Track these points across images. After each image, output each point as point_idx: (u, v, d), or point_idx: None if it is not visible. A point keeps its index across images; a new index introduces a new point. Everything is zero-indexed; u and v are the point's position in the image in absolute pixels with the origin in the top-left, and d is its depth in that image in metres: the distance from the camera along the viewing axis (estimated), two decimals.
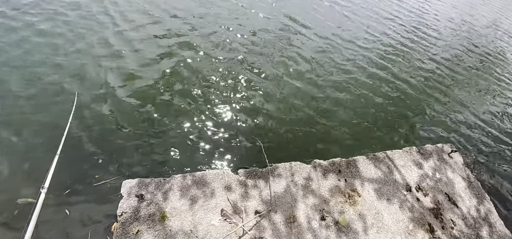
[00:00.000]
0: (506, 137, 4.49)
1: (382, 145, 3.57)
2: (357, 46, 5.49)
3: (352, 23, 6.32)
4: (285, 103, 3.80)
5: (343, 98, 4.15)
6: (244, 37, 4.83)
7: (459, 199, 3.08)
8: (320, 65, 4.66)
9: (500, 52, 7.38)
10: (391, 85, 4.74)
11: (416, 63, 5.61)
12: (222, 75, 3.96)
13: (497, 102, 5.32)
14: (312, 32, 5.45)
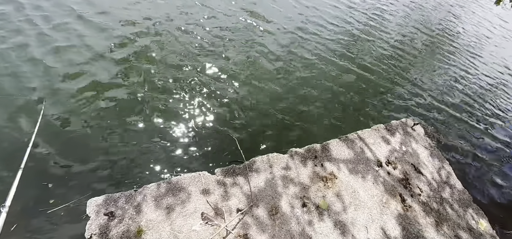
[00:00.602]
0: (456, 107, 5.04)
1: (353, 126, 3.76)
2: (320, 37, 5.63)
3: (312, 14, 6.47)
4: (255, 96, 3.79)
5: (311, 86, 4.26)
6: (206, 32, 4.68)
7: (423, 167, 3.39)
8: (286, 57, 4.72)
9: (446, 32, 8.17)
10: (356, 69, 4.99)
11: (376, 48, 5.97)
12: (188, 74, 3.81)
13: (446, 77, 5.92)
14: (275, 27, 5.43)
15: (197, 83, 3.68)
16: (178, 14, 4.79)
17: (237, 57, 4.31)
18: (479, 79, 6.29)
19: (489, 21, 10.49)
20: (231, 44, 4.52)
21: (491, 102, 5.66)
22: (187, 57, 4.02)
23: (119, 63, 3.59)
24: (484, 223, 3.14)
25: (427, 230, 2.86)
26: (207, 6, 5.20)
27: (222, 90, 3.69)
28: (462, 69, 6.42)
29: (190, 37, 4.39)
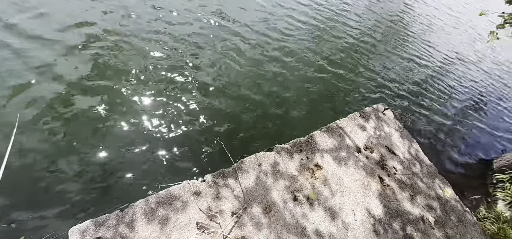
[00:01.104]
0: (417, 87, 5.62)
1: (332, 116, 3.98)
2: (289, 36, 5.79)
3: (279, 12, 6.61)
4: (236, 99, 3.80)
5: (287, 84, 4.40)
6: (176, 37, 4.52)
7: (396, 148, 3.74)
8: (259, 57, 4.78)
9: (402, 22, 8.96)
10: (325, 64, 5.26)
11: (342, 41, 6.33)
12: (168, 80, 3.66)
13: (405, 61, 6.54)
14: (244, 29, 5.45)
15: (173, 91, 3.56)
16: (142, 19, 4.55)
17: (212, 61, 4.25)
18: (432, 63, 7.06)
19: (438, 10, 11.75)
20: (203, 48, 4.43)
21: (443, 84, 6.41)
22: (159, 65, 3.86)
23: (84, 76, 3.32)
24: (449, 191, 3.60)
25: (404, 204, 3.19)
26: (171, 10, 5.01)
27: (201, 96, 3.63)
28: (417, 55, 7.14)
29: (155, 44, 4.20)
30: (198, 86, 3.74)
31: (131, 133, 2.96)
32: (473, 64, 8.09)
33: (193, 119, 3.32)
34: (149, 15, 4.53)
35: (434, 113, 5.15)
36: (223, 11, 5.43)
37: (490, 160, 4.70)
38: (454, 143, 4.71)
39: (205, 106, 3.52)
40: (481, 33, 10.85)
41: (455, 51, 8.42)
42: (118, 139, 2.87)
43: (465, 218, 3.44)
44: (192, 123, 3.27)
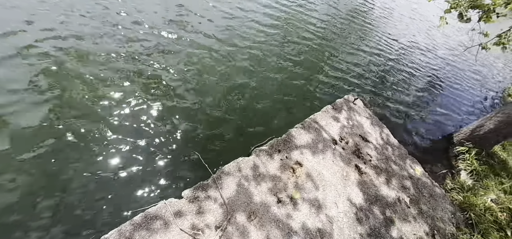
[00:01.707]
0: (381, 76, 5.99)
1: (306, 112, 4.07)
2: (256, 36, 5.80)
3: (242, 15, 6.60)
4: (209, 107, 3.70)
5: (258, 85, 4.40)
6: (139, 47, 4.28)
7: (369, 135, 3.94)
8: (227, 62, 4.71)
9: (361, 14, 9.47)
10: (294, 64, 5.36)
11: (307, 41, 6.49)
12: (133, 97, 3.44)
13: (368, 50, 6.93)
14: (211, 31, 5.37)
15: (140, 106, 3.36)
16: (102, 28, 4.22)
17: (180, 72, 4.09)
18: (393, 53, 7.57)
19: (395, 1, 12.64)
20: (170, 55, 4.25)
21: (404, 71, 6.91)
22: (123, 75, 3.61)
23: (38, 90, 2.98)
24: (419, 169, 3.89)
25: (381, 188, 3.37)
26: (139, 17, 4.73)
27: (172, 109, 3.47)
28: (379, 47, 7.60)
29: (118, 52, 3.94)
30: (168, 99, 3.57)
31: (96, 154, 2.72)
32: (430, 51, 8.85)
33: (165, 134, 3.16)
34: (109, 25, 4.22)
35: (398, 98, 5.54)
36: (186, 20, 5.26)
37: (451, 135, 5.19)
38: (419, 124, 5.11)
39: (177, 118, 3.38)
40: (436, 22, 11.88)
41: (413, 40, 9.13)
42: (81, 161, 2.63)
43: (435, 192, 3.74)
44: (164, 138, 3.12)
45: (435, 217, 3.43)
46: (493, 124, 4.39)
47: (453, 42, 10.67)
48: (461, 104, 6.64)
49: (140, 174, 2.74)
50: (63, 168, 2.56)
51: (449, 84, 7.33)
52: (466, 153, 4.62)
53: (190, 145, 3.15)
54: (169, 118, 3.34)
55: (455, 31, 11.72)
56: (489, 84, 8.66)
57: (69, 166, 2.59)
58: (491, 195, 4.07)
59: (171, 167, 2.90)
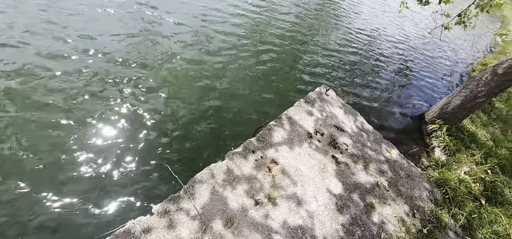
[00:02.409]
0: (353, 65, 6.15)
1: (279, 108, 4.06)
2: (225, 34, 5.78)
3: (211, 14, 6.55)
4: (176, 113, 3.59)
5: (229, 84, 4.35)
6: (101, 48, 4.08)
7: (343, 124, 4.01)
8: (195, 59, 4.64)
9: (324, 7, 9.73)
10: (265, 61, 5.37)
11: (277, 31, 6.56)
12: (94, 111, 3.25)
13: (339, 42, 7.11)
14: (178, 40, 5.27)
15: (102, 120, 3.18)
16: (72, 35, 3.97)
17: (144, 79, 3.95)
18: (363, 42, 7.82)
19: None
20: (135, 63, 4.09)
21: (374, 58, 7.15)
22: (85, 87, 3.41)
23: None
24: (394, 151, 4.01)
25: (360, 176, 3.43)
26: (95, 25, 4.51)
27: (139, 118, 3.33)
28: (349, 37, 7.82)
29: (79, 63, 3.72)
30: (131, 111, 3.42)
31: (57, 179, 2.53)
32: (399, 39, 9.25)
33: (131, 148, 3.01)
34: (66, 36, 3.98)
35: (370, 85, 5.71)
36: (153, 27, 5.11)
37: (422, 115, 5.42)
38: (392, 108, 5.30)
39: (144, 131, 3.24)
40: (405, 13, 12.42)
41: (382, 29, 9.49)
42: (41, 188, 2.43)
43: (411, 172, 3.86)
44: (130, 152, 2.97)
45: (414, 197, 3.54)
46: (459, 100, 4.63)
47: (421, 28, 11.23)
48: (431, 85, 6.98)
49: (105, 196, 2.59)
50: (21, 202, 2.36)
51: (419, 67, 7.69)
52: (438, 130, 4.84)
53: (160, 157, 3.03)
54: (134, 131, 3.20)
55: (422, 18, 12.34)
56: (456, 62, 9.19)
57: (27, 196, 2.39)
58: (464, 167, 4.28)
59: (140, 184, 2.76)
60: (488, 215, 3.73)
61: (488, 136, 5.18)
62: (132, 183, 2.74)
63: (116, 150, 2.96)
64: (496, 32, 15.49)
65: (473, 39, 12.44)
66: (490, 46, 12.57)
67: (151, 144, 3.14)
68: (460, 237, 3.42)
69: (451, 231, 3.41)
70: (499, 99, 6.96)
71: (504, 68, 4.04)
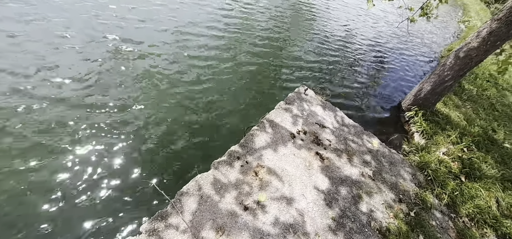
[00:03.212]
0: (331, 62, 6.41)
1: (260, 112, 4.16)
2: (202, 43, 5.88)
3: (185, 24, 6.64)
4: (158, 127, 3.59)
5: (210, 94, 4.41)
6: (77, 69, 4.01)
7: (324, 121, 4.16)
8: (175, 76, 4.67)
9: (301, 9, 10.12)
10: (243, 67, 5.50)
11: (254, 36, 6.74)
12: (73, 121, 3.18)
13: (315, 45, 7.39)
14: (156, 48, 5.29)
15: (84, 140, 3.12)
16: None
17: (122, 91, 3.92)
18: (338, 40, 8.17)
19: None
20: (112, 76, 4.06)
21: (349, 55, 7.49)
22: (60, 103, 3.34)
23: None
24: (375, 141, 4.19)
25: (345, 169, 3.56)
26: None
27: (121, 134, 3.29)
28: (322, 36, 8.15)
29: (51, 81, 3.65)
30: (112, 127, 3.38)
31: (32, 198, 2.45)
32: (373, 34, 9.75)
33: (115, 167, 2.97)
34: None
35: (348, 81, 5.98)
36: (126, 34, 5.10)
37: (399, 103, 5.72)
38: (369, 101, 5.56)
39: (126, 149, 3.21)
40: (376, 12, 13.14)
41: (355, 26, 9.97)
42: (21, 215, 2.34)
43: (394, 159, 4.05)
44: (114, 173, 2.93)
45: (398, 182, 3.71)
46: (429, 86, 4.95)
47: (390, 24, 11.88)
48: (405, 74, 7.38)
49: (90, 219, 2.53)
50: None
51: (392, 59, 8.13)
52: (414, 116, 5.12)
53: (144, 175, 3.01)
54: (116, 151, 3.16)
55: (391, 14, 13.05)
56: (427, 51, 9.78)
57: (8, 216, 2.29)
58: (442, 149, 4.54)
59: (125, 204, 2.73)
60: (469, 190, 3.96)
61: (461, 117, 5.54)
62: (118, 204, 2.70)
63: (97, 171, 2.91)
64: (460, 20, 16.67)
65: (440, 28, 13.30)
66: (456, 33, 13.48)
67: (134, 162, 3.12)
68: (446, 215, 3.61)
69: (437, 211, 3.59)
70: (468, 81, 7.47)
71: (464, 51, 4.39)
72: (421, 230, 3.25)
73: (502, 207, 3.96)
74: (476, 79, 7.75)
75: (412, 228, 3.22)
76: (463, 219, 3.64)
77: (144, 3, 6.48)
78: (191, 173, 3.15)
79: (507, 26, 3.90)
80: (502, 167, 4.61)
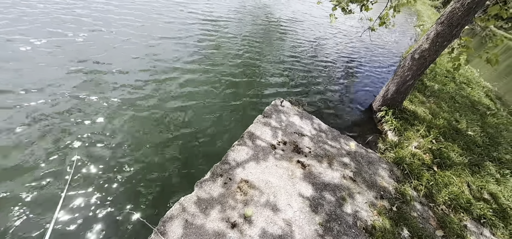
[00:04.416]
0: (304, 74, 6.67)
1: (240, 128, 4.19)
2: (179, 62, 5.89)
3: (161, 43, 6.63)
4: (139, 155, 3.49)
5: (189, 113, 4.39)
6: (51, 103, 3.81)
7: (302, 130, 4.28)
8: (155, 102, 4.61)
9: (267, 32, 10.54)
10: (222, 85, 5.57)
11: (229, 61, 6.88)
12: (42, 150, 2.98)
13: (288, 59, 7.69)
14: (128, 73, 5.20)
15: (57, 174, 2.93)
16: None
17: (101, 118, 3.78)
18: (309, 53, 8.56)
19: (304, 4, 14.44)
20: (88, 104, 3.89)
21: (321, 65, 7.85)
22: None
23: None
24: (352, 144, 4.38)
25: (326, 173, 3.65)
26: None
27: (98, 164, 3.13)
28: (294, 50, 8.51)
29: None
30: (90, 158, 3.22)
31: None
32: (339, 46, 10.33)
33: (96, 201, 2.81)
34: None
35: (321, 90, 6.25)
36: (99, 68, 4.96)
37: (371, 105, 6.05)
38: (343, 106, 5.83)
39: (107, 179, 3.06)
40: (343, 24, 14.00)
41: (324, 38, 10.52)
42: None
43: (371, 158, 4.24)
44: (95, 207, 2.76)
45: (378, 180, 3.87)
46: (394, 86, 5.32)
47: (356, 34, 12.70)
48: (373, 78, 7.86)
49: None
50: None
51: (361, 65, 8.65)
52: (385, 116, 5.44)
53: (125, 205, 2.87)
54: (93, 184, 3.00)
55: (360, 28, 13.97)
56: (391, 54, 10.52)
57: None
58: (413, 143, 4.83)
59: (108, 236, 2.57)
60: (442, 179, 4.22)
61: (426, 111, 5.96)
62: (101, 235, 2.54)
63: (77, 206, 2.73)
64: (415, 24, 18.25)
65: (400, 34, 14.43)
66: (413, 36, 14.70)
67: (114, 193, 2.97)
68: (425, 205, 3.80)
69: (416, 202, 3.77)
70: (429, 78, 8.11)
71: (418, 53, 4.84)
72: (404, 223, 3.38)
73: (474, 191, 4.25)
74: (436, 76, 8.44)
75: (396, 222, 3.35)
76: (441, 207, 3.85)
77: (124, 27, 6.42)
78: (175, 197, 3.06)
79: (449, 27, 4.37)
80: (468, 153, 4.98)
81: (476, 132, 5.81)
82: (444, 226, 3.53)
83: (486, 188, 4.33)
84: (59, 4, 7.38)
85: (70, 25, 6.37)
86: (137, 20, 7.53)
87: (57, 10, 7.01)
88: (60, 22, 6.40)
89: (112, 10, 7.80)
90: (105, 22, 6.94)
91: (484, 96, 8.49)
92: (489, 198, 4.21)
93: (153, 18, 7.98)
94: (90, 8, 7.60)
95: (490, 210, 3.92)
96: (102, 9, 7.70)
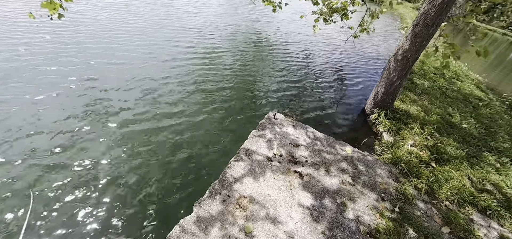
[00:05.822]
0: (293, 87, 6.76)
1: (235, 144, 4.19)
2: (173, 80, 5.94)
3: (151, 59, 6.72)
4: (135, 180, 3.45)
5: (181, 132, 4.39)
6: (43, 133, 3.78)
7: (297, 140, 4.28)
8: (146, 125, 4.61)
9: (259, 50, 10.79)
10: (216, 101, 5.61)
11: (219, 78, 6.98)
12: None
13: (278, 73, 7.81)
14: (122, 91, 5.23)
15: (49, 201, 2.87)
16: None
17: (96, 141, 3.75)
18: (298, 65, 8.72)
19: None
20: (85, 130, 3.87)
21: (311, 76, 7.97)
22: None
23: None
24: (349, 148, 4.37)
25: (324, 181, 3.62)
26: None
27: (94, 190, 3.08)
28: (284, 64, 8.67)
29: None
30: (84, 187, 3.17)
31: None
32: (328, 54, 10.55)
33: (85, 228, 2.74)
34: None
35: (313, 99, 6.31)
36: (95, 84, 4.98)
37: (363, 109, 6.10)
38: (336, 112, 5.88)
39: (101, 201, 3.00)
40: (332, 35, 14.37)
41: (313, 51, 10.75)
42: None
43: (368, 161, 4.22)
44: (85, 234, 2.70)
45: (377, 182, 3.84)
46: (383, 88, 5.40)
47: (342, 41, 13.01)
48: (364, 82, 7.98)
49: None
50: None
51: (350, 71, 8.80)
52: (378, 117, 5.47)
53: (127, 232, 2.81)
54: (93, 203, 2.94)
55: (344, 36, 14.34)
56: (379, 58, 10.73)
57: None
58: (409, 141, 4.84)
59: None
60: (442, 174, 4.20)
61: (419, 109, 6.01)
62: None
63: (76, 232, 2.66)
64: (399, 27, 18.77)
65: (386, 37, 14.80)
66: (399, 39, 15.07)
67: (112, 218, 2.91)
68: (428, 203, 3.75)
69: (418, 201, 3.72)
70: (418, 76, 8.24)
71: (400, 54, 4.97)
72: (409, 223, 3.32)
73: (475, 183, 4.22)
74: (425, 74, 8.58)
75: (400, 223, 3.29)
76: (445, 203, 3.80)
77: (120, 51, 6.52)
78: (174, 220, 2.99)
79: (425, 28, 4.53)
80: (465, 146, 4.99)
81: (471, 124, 5.85)
82: (450, 222, 3.46)
83: (487, 179, 4.30)
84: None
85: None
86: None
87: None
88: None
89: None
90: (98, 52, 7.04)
91: (474, 88, 8.61)
92: (492, 188, 4.17)
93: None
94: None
95: (495, 201, 3.87)
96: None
